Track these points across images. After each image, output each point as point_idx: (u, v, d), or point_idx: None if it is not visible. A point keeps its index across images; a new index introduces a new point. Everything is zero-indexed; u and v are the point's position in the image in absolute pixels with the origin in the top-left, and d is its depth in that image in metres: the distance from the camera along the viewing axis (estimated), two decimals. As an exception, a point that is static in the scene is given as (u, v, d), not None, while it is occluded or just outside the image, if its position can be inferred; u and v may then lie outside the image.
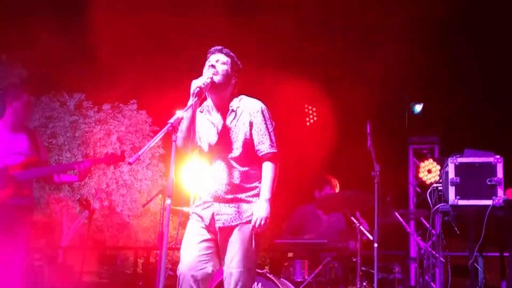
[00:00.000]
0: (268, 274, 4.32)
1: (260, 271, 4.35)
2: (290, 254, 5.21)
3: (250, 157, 3.23)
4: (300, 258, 4.92)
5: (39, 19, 12.52)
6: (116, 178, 19.49)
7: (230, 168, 3.20)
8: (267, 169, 3.21)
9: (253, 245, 3.13)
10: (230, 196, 3.19)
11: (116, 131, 19.44)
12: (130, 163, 2.92)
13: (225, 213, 3.18)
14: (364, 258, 4.51)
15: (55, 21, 13.07)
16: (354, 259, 4.71)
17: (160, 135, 2.94)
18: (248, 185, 3.21)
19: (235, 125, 3.23)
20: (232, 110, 3.25)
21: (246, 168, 3.21)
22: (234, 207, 3.18)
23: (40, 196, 17.96)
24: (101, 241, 20.74)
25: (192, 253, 3.15)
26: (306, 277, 4.76)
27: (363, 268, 4.56)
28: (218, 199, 3.20)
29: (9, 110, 4.28)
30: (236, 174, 3.20)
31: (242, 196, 3.19)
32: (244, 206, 3.18)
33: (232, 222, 3.16)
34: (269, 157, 3.23)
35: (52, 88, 18.41)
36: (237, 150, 3.21)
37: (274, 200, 3.17)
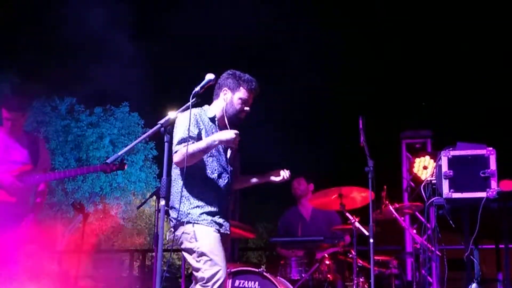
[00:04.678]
0: (264, 273, 4.29)
1: (257, 270, 4.33)
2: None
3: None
4: (296, 256, 4.92)
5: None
6: (110, 181, 19.42)
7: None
8: None
9: None
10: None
11: (109, 134, 19.37)
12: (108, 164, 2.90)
13: None
14: (360, 254, 4.51)
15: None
16: (350, 255, 4.72)
17: (146, 135, 2.95)
18: None
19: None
20: None
21: None
22: None
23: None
24: (96, 244, 20.67)
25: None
26: (303, 275, 4.75)
27: (359, 264, 4.56)
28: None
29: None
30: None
31: None
32: None
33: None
34: None
35: (43, 93, 18.31)
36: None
37: (270, 201, 3.30)
